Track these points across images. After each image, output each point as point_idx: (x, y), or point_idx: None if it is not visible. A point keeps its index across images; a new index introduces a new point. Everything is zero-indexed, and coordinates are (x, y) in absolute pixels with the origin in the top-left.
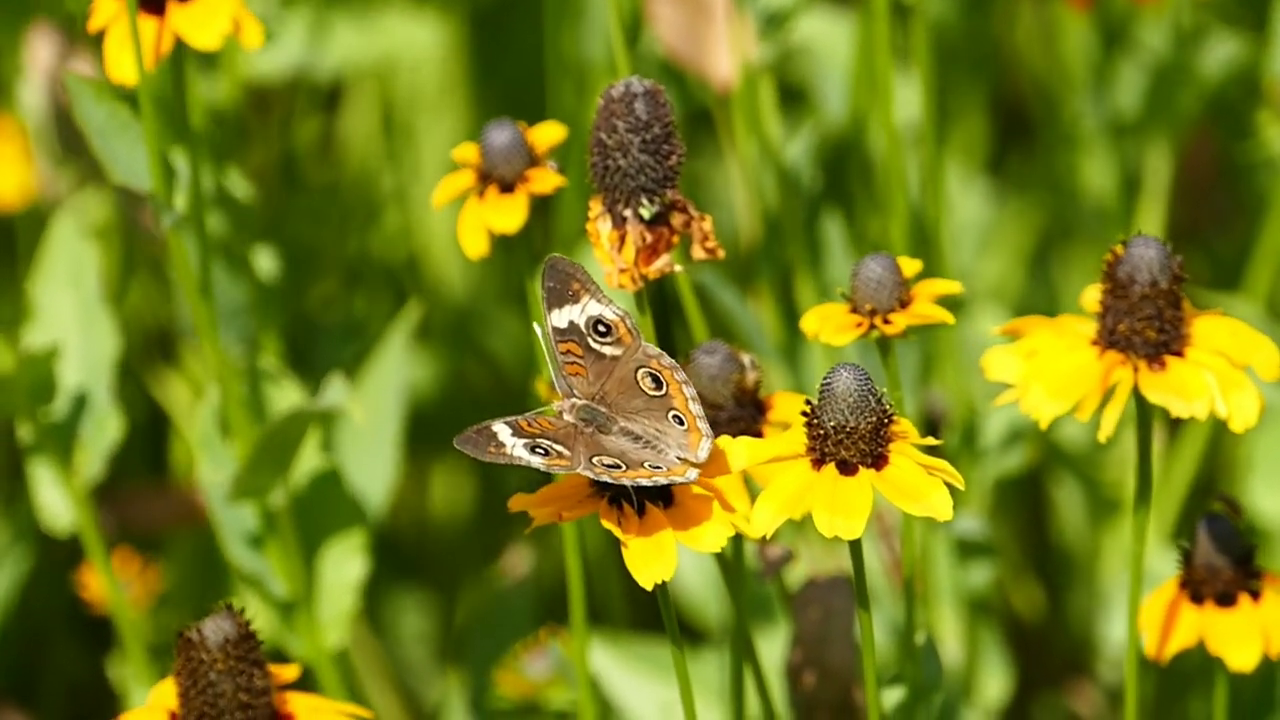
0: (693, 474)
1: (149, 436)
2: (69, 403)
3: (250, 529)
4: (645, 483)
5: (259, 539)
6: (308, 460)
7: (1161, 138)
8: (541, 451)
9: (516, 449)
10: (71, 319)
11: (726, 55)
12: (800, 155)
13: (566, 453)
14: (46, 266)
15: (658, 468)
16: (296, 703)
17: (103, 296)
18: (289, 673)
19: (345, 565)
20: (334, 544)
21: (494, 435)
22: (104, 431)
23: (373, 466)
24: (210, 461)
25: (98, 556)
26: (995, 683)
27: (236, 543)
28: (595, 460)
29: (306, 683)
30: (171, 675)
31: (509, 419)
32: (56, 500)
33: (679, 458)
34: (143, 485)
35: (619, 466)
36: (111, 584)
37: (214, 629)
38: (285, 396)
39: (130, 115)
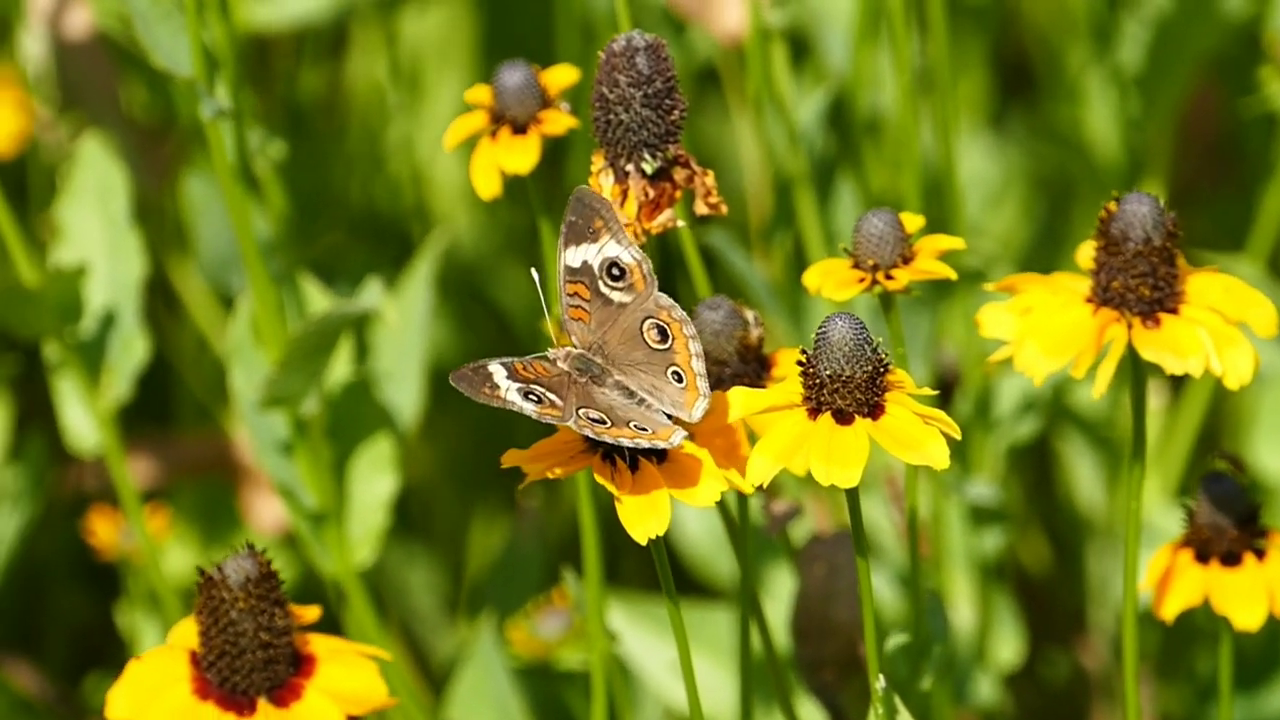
0: (678, 438)
1: (150, 388)
2: (96, 322)
3: (282, 438)
4: (627, 443)
5: (290, 448)
6: (339, 371)
7: (1164, 93)
8: (535, 399)
9: (510, 393)
10: (99, 239)
11: (732, 8)
12: (813, 118)
13: (559, 402)
14: (74, 186)
15: (643, 429)
16: (317, 644)
17: (130, 217)
18: (310, 613)
19: (375, 481)
20: (364, 455)
21: (489, 376)
22: (131, 352)
23: (402, 384)
24: (242, 370)
25: (120, 475)
26: (1008, 647)
27: (268, 452)
28: (581, 413)
29: (328, 619)
30: (192, 615)
31: (505, 360)
32: (82, 421)
33: (670, 417)
34: (189, 432)
35: (604, 423)
36: (132, 504)
37: (235, 568)
38: (319, 304)
39: (171, 4)
